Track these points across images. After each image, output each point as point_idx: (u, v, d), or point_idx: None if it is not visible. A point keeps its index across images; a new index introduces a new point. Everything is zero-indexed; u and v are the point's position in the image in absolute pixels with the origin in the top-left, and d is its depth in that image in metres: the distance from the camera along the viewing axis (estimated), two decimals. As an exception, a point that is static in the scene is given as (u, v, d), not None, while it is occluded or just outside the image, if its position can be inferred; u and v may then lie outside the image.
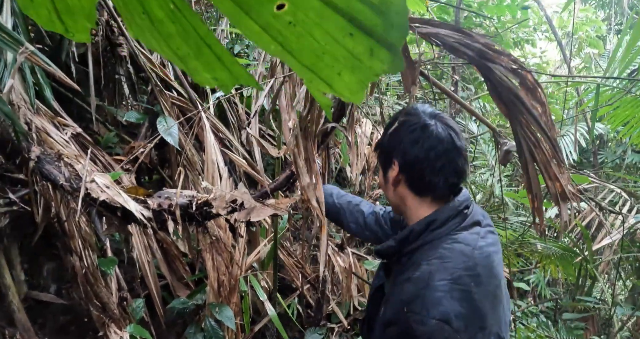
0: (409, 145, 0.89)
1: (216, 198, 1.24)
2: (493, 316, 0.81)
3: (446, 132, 0.89)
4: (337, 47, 0.36)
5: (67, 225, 1.40)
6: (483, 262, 0.84)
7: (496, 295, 0.84)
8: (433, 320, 0.74)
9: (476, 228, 0.90)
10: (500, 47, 1.11)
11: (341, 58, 0.37)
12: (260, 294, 1.78)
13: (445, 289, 0.77)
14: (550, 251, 3.60)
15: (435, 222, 0.87)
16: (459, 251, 0.83)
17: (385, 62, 0.37)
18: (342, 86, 0.40)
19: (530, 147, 1.21)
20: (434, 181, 0.88)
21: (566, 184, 1.22)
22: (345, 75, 0.39)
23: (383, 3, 0.33)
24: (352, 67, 0.38)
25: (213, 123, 1.80)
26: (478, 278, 0.81)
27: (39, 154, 1.35)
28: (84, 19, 0.57)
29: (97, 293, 1.41)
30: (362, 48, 0.36)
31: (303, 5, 0.34)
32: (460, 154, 0.90)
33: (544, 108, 1.17)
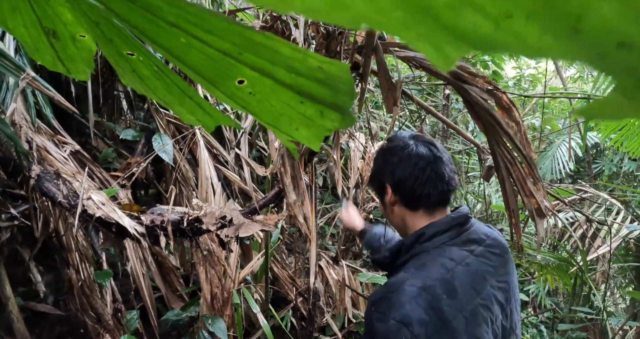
0: (394, 166, 0.96)
1: (206, 214, 1.29)
2: (468, 335, 0.79)
3: (426, 148, 0.96)
4: (291, 111, 0.43)
5: (65, 239, 1.46)
6: (465, 278, 0.85)
7: (477, 314, 0.83)
8: (392, 321, 0.76)
9: (472, 246, 0.92)
10: (474, 70, 1.17)
11: (296, 118, 0.44)
12: (253, 307, 1.82)
13: (412, 295, 0.79)
14: (548, 262, 3.62)
15: (423, 235, 0.91)
16: (440, 263, 0.86)
17: (336, 121, 0.43)
18: (301, 138, 0.47)
19: (506, 165, 1.26)
20: (424, 192, 0.93)
21: (542, 200, 1.26)
22: (302, 131, 0.45)
23: (328, 78, 0.38)
24: (307, 125, 0.44)
25: (207, 140, 1.86)
26: (453, 291, 0.82)
27: (39, 172, 1.41)
28: (83, 65, 0.65)
29: (93, 305, 1.46)
30: (312, 111, 0.42)
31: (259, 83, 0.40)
32: (443, 163, 0.95)
33: (519, 127, 1.23)
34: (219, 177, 1.81)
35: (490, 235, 1.00)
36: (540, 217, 1.26)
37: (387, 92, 1.20)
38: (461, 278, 0.85)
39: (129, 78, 0.59)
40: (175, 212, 1.31)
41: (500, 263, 0.95)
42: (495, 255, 0.95)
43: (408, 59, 1.22)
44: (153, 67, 0.53)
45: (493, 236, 1.01)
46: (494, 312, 0.88)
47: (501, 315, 0.91)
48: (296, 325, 2.45)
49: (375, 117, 3.07)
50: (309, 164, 1.45)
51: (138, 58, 0.54)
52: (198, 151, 1.78)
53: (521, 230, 1.39)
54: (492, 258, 0.94)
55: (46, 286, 2.03)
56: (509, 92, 1.20)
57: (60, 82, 2.21)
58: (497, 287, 0.91)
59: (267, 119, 0.46)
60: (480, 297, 0.86)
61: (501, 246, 1.00)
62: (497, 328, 0.88)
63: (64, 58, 0.66)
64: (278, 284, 2.43)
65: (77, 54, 0.65)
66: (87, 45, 0.65)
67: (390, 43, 1.24)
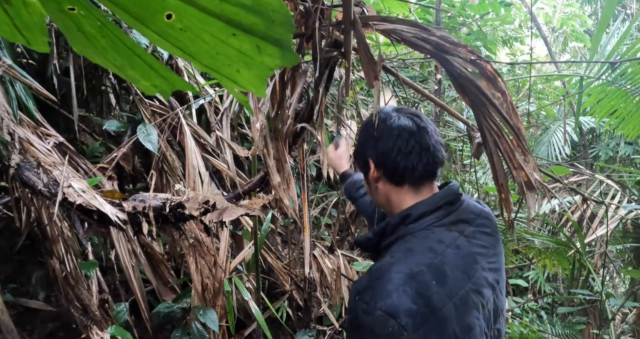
0: (376, 139, 0.91)
1: (189, 200, 1.27)
2: (459, 322, 0.74)
3: (409, 119, 0.92)
4: (226, 47, 0.40)
5: (49, 230, 1.43)
6: (455, 261, 0.80)
7: (468, 299, 0.77)
8: (379, 311, 0.70)
9: (462, 226, 0.87)
10: (456, 39, 1.14)
11: (234, 56, 0.41)
12: (245, 294, 1.80)
13: (398, 283, 0.73)
14: (546, 246, 3.60)
15: (409, 216, 0.86)
16: (428, 247, 0.80)
17: (276, 57, 0.41)
18: (244, 82, 0.44)
19: (494, 138, 1.23)
20: (408, 165, 0.88)
21: (531, 173, 1.24)
22: (244, 72, 0.43)
23: (257, 4, 0.36)
24: (246, 64, 0.42)
25: (194, 129, 1.83)
26: (442, 276, 0.76)
27: (18, 161, 1.38)
28: (40, 33, 0.63)
29: (78, 295, 1.43)
30: (248, 46, 0.40)
31: (186, 14, 0.38)
32: (428, 134, 0.90)
33: (505, 97, 1.19)
34: (207, 166, 1.78)
35: (481, 213, 0.97)
36: (530, 190, 1.23)
37: (368, 66, 1.17)
38: (451, 261, 0.79)
39: (78, 42, 0.57)
40: (157, 199, 1.29)
41: (491, 242, 0.91)
42: (487, 235, 0.91)
43: (388, 31, 1.19)
44: (96, 22, 0.51)
45: (484, 213, 0.98)
46: (485, 296, 0.83)
47: (492, 297, 0.86)
48: (292, 316, 2.43)
49: (367, 104, 3.04)
50: (294, 147, 1.42)
51: (80, 13, 0.52)
52: (184, 140, 1.75)
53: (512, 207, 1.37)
54: (483, 238, 0.89)
55: (36, 282, 2.01)
56: (493, 61, 1.17)
57: (46, 79, 2.18)
58: (489, 268, 0.86)
59: (205, 61, 0.43)
60: (471, 282, 0.81)
61: (492, 224, 0.96)
62: (488, 312, 0.84)
63: (21, 26, 0.64)
64: (273, 276, 2.41)
65: (31, 20, 0.63)
66: (37, 9, 0.63)
67: (369, 16, 1.21)
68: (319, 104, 1.32)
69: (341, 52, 1.34)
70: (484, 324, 0.82)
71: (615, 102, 2.90)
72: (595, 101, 3.08)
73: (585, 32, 5.10)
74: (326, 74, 1.30)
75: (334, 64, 1.36)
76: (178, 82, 0.56)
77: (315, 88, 1.31)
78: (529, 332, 2.63)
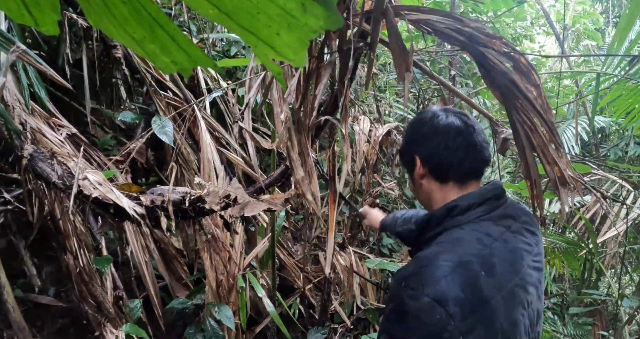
0: (425, 138, 0.91)
1: (209, 193, 1.23)
2: (506, 316, 0.73)
3: (457, 117, 0.91)
4: (269, 5, 0.37)
5: (62, 224, 1.40)
6: (504, 255, 0.78)
7: (515, 294, 0.76)
8: (426, 298, 0.68)
9: (508, 221, 0.86)
10: (491, 31, 1.10)
11: (276, 16, 0.38)
12: (259, 291, 1.76)
13: (447, 270, 0.71)
14: (555, 246, 3.56)
15: (456, 208, 0.84)
16: (477, 239, 0.79)
17: (321, 18, 0.38)
18: (283, 46, 0.41)
19: (526, 132, 1.18)
20: (454, 162, 0.87)
21: (565, 169, 1.20)
22: (284, 35, 0.39)
23: None
24: (289, 25, 0.38)
25: (209, 122, 1.79)
26: (491, 268, 0.74)
27: (31, 152, 1.34)
28: (50, 11, 0.58)
29: (92, 292, 1.40)
30: (293, 4, 0.37)
31: None
32: (475, 132, 0.90)
33: (538, 91, 1.15)
34: (222, 160, 1.74)
35: (525, 210, 0.96)
36: (563, 186, 1.19)
37: (399, 57, 1.13)
38: (500, 254, 0.78)
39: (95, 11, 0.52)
40: (176, 192, 1.25)
41: (535, 241, 0.89)
42: (531, 233, 0.89)
43: (419, 22, 1.14)
44: None
45: (527, 211, 0.97)
46: (531, 293, 0.81)
47: (536, 297, 0.84)
48: (304, 313, 2.39)
49: (380, 100, 2.99)
50: (316, 140, 1.38)
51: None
52: (199, 133, 1.71)
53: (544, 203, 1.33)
54: (528, 235, 0.88)
55: (46, 278, 1.98)
56: (527, 54, 1.13)
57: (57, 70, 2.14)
58: (533, 267, 0.85)
59: (243, 21, 0.39)
60: (518, 277, 0.79)
61: (535, 223, 0.95)
62: (532, 311, 0.82)
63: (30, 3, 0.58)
64: (285, 272, 2.37)
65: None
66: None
67: (401, 6, 1.17)
68: (344, 97, 1.28)
69: (367, 43, 1.30)
70: (527, 322, 0.80)
71: (633, 99, 2.85)
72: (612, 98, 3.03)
73: (596, 30, 5.04)
74: (352, 66, 1.26)
75: (359, 56, 1.32)
76: (201, 57, 0.52)
77: (340, 80, 1.27)
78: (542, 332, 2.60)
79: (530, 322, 0.81)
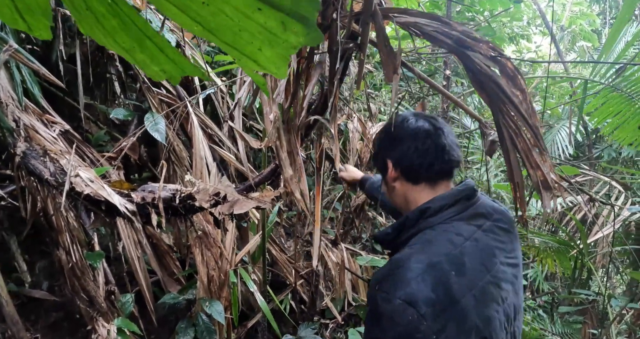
0: (395, 142, 0.94)
1: (199, 191, 1.25)
2: (478, 314, 0.75)
3: (426, 121, 0.94)
4: (250, 23, 0.39)
5: (55, 220, 1.41)
6: (474, 254, 0.81)
7: (487, 292, 0.78)
8: (398, 300, 0.71)
9: (480, 220, 0.89)
10: (478, 35, 1.12)
11: (257, 33, 0.40)
12: (250, 286, 1.79)
13: (418, 272, 0.74)
14: (547, 245, 3.60)
15: (428, 210, 0.87)
16: (447, 239, 0.82)
17: (300, 35, 0.39)
18: (265, 61, 0.43)
19: (511, 136, 1.21)
20: (425, 163, 0.91)
21: (548, 172, 1.22)
22: (266, 50, 0.41)
23: None
24: (270, 41, 0.40)
25: (202, 119, 1.80)
26: (462, 267, 0.77)
27: (24, 149, 1.36)
28: (42, 17, 0.60)
29: (85, 287, 1.42)
30: (273, 22, 0.38)
31: None
32: (444, 134, 0.93)
33: (524, 95, 1.17)
34: (214, 157, 1.76)
35: (498, 209, 0.98)
36: (546, 190, 1.21)
37: (387, 59, 1.15)
38: (470, 253, 0.80)
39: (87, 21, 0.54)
40: (166, 189, 1.26)
41: (508, 238, 0.92)
42: (504, 230, 0.92)
43: (408, 24, 1.16)
44: (107, 1, 0.48)
45: (500, 210, 0.99)
46: (505, 290, 0.84)
47: (512, 293, 0.86)
48: (295, 308, 2.43)
49: (374, 97, 3.01)
50: (305, 140, 1.40)
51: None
52: (192, 130, 1.72)
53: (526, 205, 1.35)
54: (501, 233, 0.90)
55: (40, 272, 1.99)
56: (514, 58, 1.15)
57: (51, 66, 2.14)
58: (507, 263, 0.87)
59: (226, 38, 0.41)
60: (490, 274, 0.81)
61: (509, 220, 0.97)
62: (508, 307, 0.84)
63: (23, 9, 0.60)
64: (277, 268, 2.40)
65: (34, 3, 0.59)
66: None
67: (389, 9, 1.18)
68: (333, 97, 1.30)
69: (357, 44, 1.31)
70: (503, 318, 0.82)
71: (614, 108, 2.88)
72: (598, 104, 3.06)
73: (593, 31, 5.05)
74: (341, 66, 1.28)
75: (349, 56, 1.34)
76: (188, 67, 0.54)
77: (330, 80, 1.28)
78: (530, 330, 2.64)
79: (507, 317, 0.83)
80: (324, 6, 1.23)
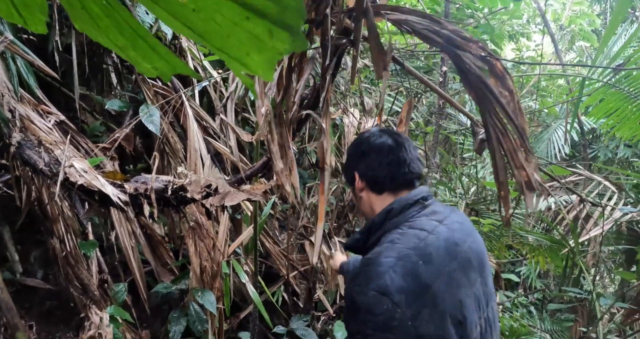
0: (360, 156, 1.03)
1: (191, 183, 1.27)
2: (449, 297, 0.81)
3: (388, 137, 1.03)
4: (238, 30, 0.40)
5: (49, 209, 1.43)
6: (439, 245, 0.87)
7: (455, 277, 0.85)
8: (372, 292, 0.76)
9: (439, 216, 0.95)
10: (468, 34, 1.13)
11: (245, 39, 0.41)
12: (242, 277, 1.82)
13: (389, 265, 0.79)
14: (540, 243, 3.64)
15: (392, 211, 0.95)
16: (412, 234, 0.88)
17: (286, 42, 0.41)
18: (254, 65, 0.44)
19: (497, 136, 1.23)
20: (388, 175, 0.99)
21: (532, 173, 1.24)
22: (254, 55, 0.43)
23: None
24: (257, 47, 0.42)
25: (196, 111, 1.82)
26: (428, 256, 0.83)
27: (19, 139, 1.37)
28: (38, 12, 0.62)
29: (78, 275, 1.44)
30: (260, 30, 0.40)
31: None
32: (405, 149, 1.01)
33: (512, 96, 1.19)
34: (209, 149, 1.77)
35: (450, 208, 1.06)
36: (529, 190, 1.23)
37: (377, 56, 1.16)
38: (435, 245, 0.87)
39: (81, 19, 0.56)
40: (159, 181, 1.28)
41: (467, 231, 0.98)
42: (461, 224, 0.99)
43: (399, 22, 1.17)
44: (102, 1, 0.50)
45: (452, 209, 1.06)
46: (472, 276, 0.90)
47: (479, 279, 0.93)
48: (288, 301, 2.46)
49: (371, 92, 3.02)
50: (297, 133, 1.41)
51: (86, -10, 0.50)
52: (187, 122, 1.74)
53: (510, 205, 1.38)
54: (458, 226, 0.97)
55: (35, 261, 2.02)
56: (503, 59, 1.16)
57: (47, 56, 2.15)
58: (470, 249, 0.93)
59: (215, 43, 0.43)
60: (456, 261, 0.88)
61: (463, 216, 1.05)
62: (477, 291, 0.90)
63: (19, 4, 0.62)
64: (270, 260, 2.43)
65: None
66: (37, -16, 0.61)
67: (381, 6, 1.19)
68: (325, 92, 1.31)
69: (350, 40, 1.32)
70: (474, 302, 0.88)
71: (613, 105, 2.90)
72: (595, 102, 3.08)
73: (592, 31, 5.05)
74: (334, 62, 1.29)
75: (342, 52, 1.35)
76: (179, 65, 0.55)
77: (322, 75, 1.30)
78: (518, 326, 2.68)
79: (477, 302, 0.89)
80: (316, 2, 1.24)
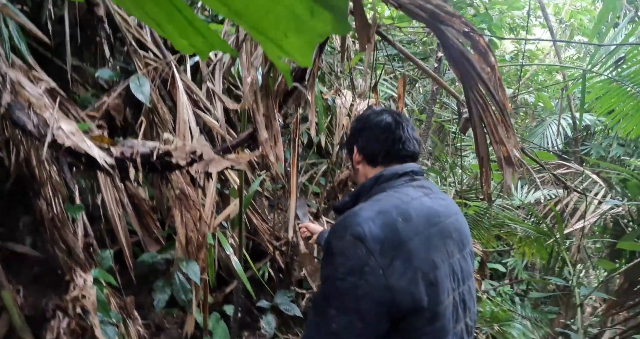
0: (360, 131, 1.09)
1: (177, 148, 1.29)
2: (424, 257, 0.83)
3: (387, 115, 1.07)
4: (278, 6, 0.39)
5: (37, 171, 1.45)
6: (420, 210, 0.89)
7: (432, 239, 0.87)
8: (349, 236, 0.80)
9: (425, 190, 0.99)
10: (452, 9, 1.15)
11: (284, 18, 0.39)
12: (227, 248, 1.85)
13: (368, 216, 0.83)
14: (527, 234, 3.69)
15: (382, 177, 0.99)
16: (396, 197, 0.92)
17: (328, 23, 0.39)
18: (291, 47, 0.43)
19: (479, 111, 1.25)
20: (383, 150, 1.03)
21: (512, 149, 1.27)
22: (292, 36, 0.41)
23: None
24: (296, 27, 0.40)
25: (187, 84, 1.83)
26: (408, 216, 0.86)
27: (9, 100, 1.39)
28: None
29: (64, 237, 1.47)
30: (302, 7, 0.38)
31: None
32: (402, 128, 1.04)
33: (493, 71, 1.21)
34: (198, 122, 1.79)
35: (438, 189, 1.09)
36: (508, 165, 1.27)
37: (362, 30, 1.18)
38: (417, 209, 0.89)
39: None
40: (145, 146, 1.30)
41: (452, 210, 1.01)
42: (446, 203, 1.01)
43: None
44: None
45: (441, 191, 1.09)
46: (450, 247, 0.92)
47: (458, 254, 0.94)
48: (274, 277, 2.50)
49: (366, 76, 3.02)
50: (284, 105, 1.44)
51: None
52: (177, 93, 1.75)
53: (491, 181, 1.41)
54: (443, 203, 1.00)
55: (24, 228, 2.04)
56: (486, 35, 1.18)
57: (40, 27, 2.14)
58: (452, 224, 0.95)
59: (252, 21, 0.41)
60: (437, 228, 0.90)
61: (451, 199, 1.08)
62: (454, 264, 0.92)
63: None
64: (258, 237, 2.46)
65: None
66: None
67: (369, -22, 1.20)
68: (312, 65, 1.33)
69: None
70: (449, 270, 0.90)
71: (615, 99, 2.91)
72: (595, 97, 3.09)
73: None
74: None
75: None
76: (217, 42, 0.53)
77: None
78: (499, 311, 2.75)
79: (453, 273, 0.91)
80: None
